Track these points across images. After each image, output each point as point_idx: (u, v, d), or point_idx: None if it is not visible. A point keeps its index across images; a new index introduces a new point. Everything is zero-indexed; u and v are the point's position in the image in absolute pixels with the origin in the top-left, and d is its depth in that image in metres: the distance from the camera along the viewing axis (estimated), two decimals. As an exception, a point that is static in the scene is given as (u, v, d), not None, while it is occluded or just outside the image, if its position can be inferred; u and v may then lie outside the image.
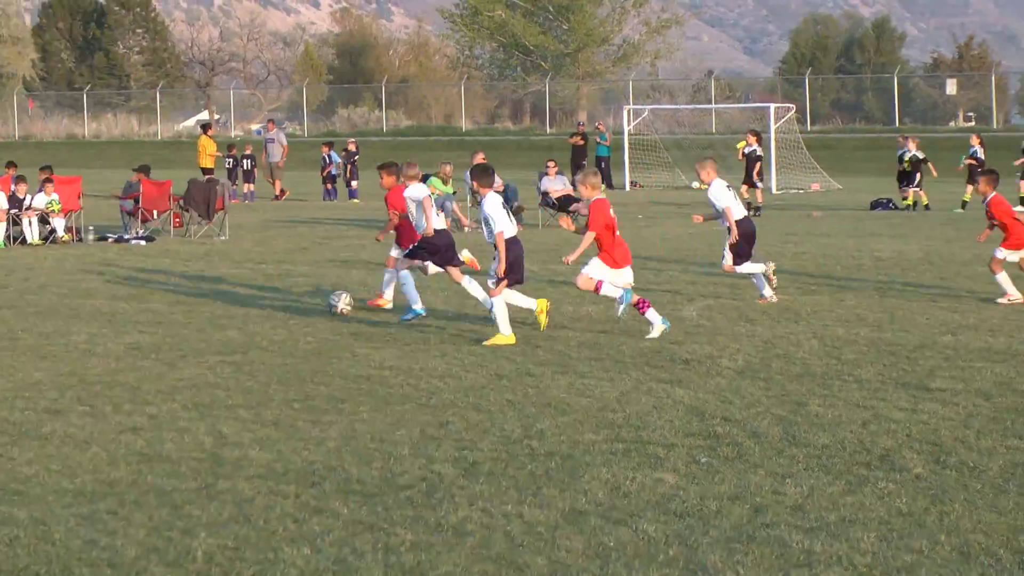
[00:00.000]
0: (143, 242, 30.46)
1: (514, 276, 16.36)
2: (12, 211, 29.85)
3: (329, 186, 47.41)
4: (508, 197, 33.96)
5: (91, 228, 31.00)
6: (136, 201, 32.40)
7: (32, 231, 30.06)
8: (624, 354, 15.24)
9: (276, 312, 18.90)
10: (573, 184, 34.28)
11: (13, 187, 30.40)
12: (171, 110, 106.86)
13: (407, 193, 17.81)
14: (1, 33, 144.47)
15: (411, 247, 17.93)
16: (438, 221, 17.77)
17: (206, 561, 8.14)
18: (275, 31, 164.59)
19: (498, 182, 20.63)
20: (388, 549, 8.39)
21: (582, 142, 52.70)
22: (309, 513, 9.15)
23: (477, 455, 10.71)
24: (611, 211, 16.65)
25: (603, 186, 17.75)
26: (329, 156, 48.36)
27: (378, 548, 8.40)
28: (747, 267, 19.58)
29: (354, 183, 47.02)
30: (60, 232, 30.40)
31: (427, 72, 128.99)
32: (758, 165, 38.20)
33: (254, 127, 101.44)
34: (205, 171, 44.94)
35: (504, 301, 16.21)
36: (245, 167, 48.05)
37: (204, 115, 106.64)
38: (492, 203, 16.35)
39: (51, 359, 15.16)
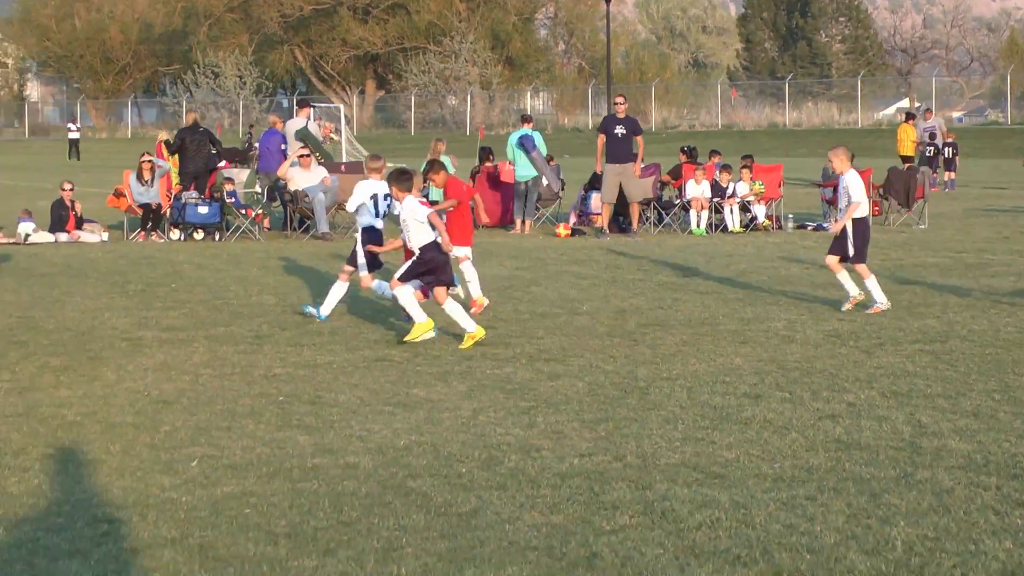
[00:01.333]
0: (841, 230, 30.48)
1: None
2: (714, 199, 30.53)
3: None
4: None
5: (790, 216, 31.30)
6: (834, 190, 32.46)
7: (733, 219, 30.65)
8: None
9: (976, 301, 18.50)
10: None
11: (716, 175, 31.13)
12: (871, 98, 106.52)
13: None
14: (706, 24, 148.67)
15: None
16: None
17: (905, 551, 8.03)
18: (979, 17, 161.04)
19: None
20: (1095, 549, 8.04)
21: None
22: (1011, 506, 8.88)
23: None
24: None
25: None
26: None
27: (1084, 547, 8.08)
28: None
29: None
30: (760, 219, 30.88)
31: None
32: None
33: (955, 115, 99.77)
34: (905, 159, 44.54)
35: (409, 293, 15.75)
36: (947, 155, 47.29)
37: (905, 103, 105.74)
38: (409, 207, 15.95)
39: (751, 344, 15.39)
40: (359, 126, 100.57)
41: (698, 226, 30.25)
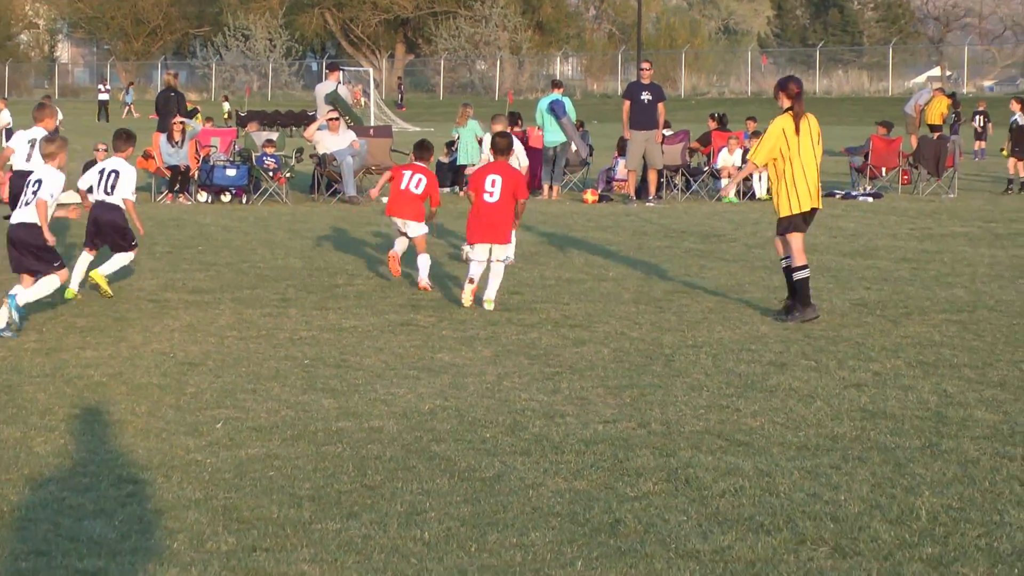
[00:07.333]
0: (870, 199, 30.40)
1: None
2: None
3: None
4: None
5: (819, 184, 31.14)
6: (866, 157, 32.36)
7: (761, 185, 30.53)
8: None
9: (1004, 271, 18.42)
10: None
11: (746, 142, 31.00)
12: (902, 66, 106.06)
13: None
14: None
15: None
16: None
17: (930, 520, 8.01)
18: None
19: None
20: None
21: None
22: (1036, 478, 8.87)
23: None
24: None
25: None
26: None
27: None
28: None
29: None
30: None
31: None
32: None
33: (986, 84, 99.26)
34: (933, 128, 44.33)
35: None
36: (978, 124, 47.04)
37: (936, 71, 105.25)
38: None
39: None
40: (388, 90, 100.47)
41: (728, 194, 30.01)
